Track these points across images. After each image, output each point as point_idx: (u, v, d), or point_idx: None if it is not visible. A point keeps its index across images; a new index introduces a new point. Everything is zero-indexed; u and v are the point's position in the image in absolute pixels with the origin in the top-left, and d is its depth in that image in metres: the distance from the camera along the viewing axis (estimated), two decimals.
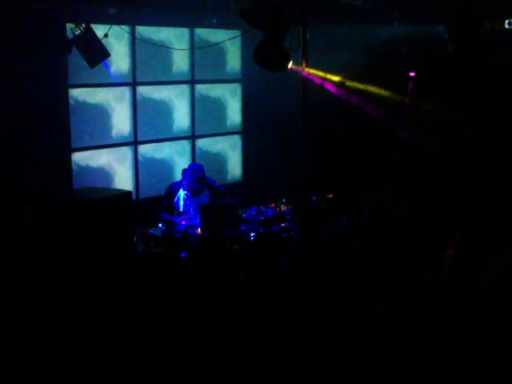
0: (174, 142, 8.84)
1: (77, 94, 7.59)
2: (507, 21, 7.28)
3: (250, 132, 9.63)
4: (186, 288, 4.99)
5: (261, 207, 7.56)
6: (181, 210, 7.14)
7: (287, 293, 4.40)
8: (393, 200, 6.96)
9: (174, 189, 7.21)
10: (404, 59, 8.70)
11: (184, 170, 7.30)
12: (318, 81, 8.00)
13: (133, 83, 8.19)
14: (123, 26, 7.60)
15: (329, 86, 8.22)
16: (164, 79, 8.56)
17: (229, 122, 9.53)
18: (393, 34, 8.64)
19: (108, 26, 7.04)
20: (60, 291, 5.31)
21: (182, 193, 7.16)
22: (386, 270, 5.02)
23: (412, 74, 8.60)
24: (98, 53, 6.93)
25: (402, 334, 4.34)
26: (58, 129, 7.22)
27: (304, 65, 7.25)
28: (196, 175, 7.09)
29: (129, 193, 6.44)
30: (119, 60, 7.95)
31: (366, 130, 8.78)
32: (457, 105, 7.99)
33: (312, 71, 7.71)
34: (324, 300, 4.51)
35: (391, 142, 8.81)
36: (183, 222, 6.91)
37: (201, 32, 8.76)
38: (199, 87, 9.01)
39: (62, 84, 7.28)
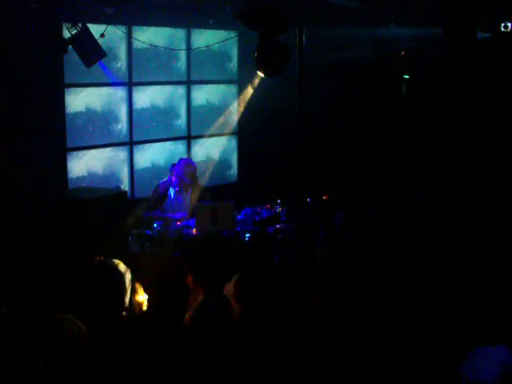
0: (170, 142, 8.84)
1: (73, 93, 7.58)
2: (502, 24, 7.32)
3: (246, 133, 9.63)
4: (180, 288, 4.98)
5: (256, 208, 7.56)
6: (169, 206, 7.08)
7: (282, 292, 4.40)
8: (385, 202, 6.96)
9: (161, 188, 7.11)
10: (400, 61, 8.73)
11: (173, 165, 7.19)
12: None
13: (129, 83, 8.18)
14: (120, 26, 7.60)
15: None
16: (160, 79, 8.56)
17: (225, 123, 9.52)
18: (389, 36, 8.67)
19: (105, 26, 7.04)
20: (53, 291, 5.30)
21: (172, 191, 7.10)
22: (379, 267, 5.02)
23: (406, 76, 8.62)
24: (94, 52, 6.92)
25: (398, 334, 4.33)
26: (53, 128, 7.22)
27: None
28: (188, 170, 7.03)
29: (124, 193, 6.44)
30: (115, 60, 7.94)
31: (364, 132, 8.79)
32: (452, 106, 8.02)
33: None
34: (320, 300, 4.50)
35: (389, 144, 8.83)
36: (178, 223, 6.89)
37: (197, 33, 8.76)
38: (195, 88, 9.02)
39: (58, 83, 7.27)
